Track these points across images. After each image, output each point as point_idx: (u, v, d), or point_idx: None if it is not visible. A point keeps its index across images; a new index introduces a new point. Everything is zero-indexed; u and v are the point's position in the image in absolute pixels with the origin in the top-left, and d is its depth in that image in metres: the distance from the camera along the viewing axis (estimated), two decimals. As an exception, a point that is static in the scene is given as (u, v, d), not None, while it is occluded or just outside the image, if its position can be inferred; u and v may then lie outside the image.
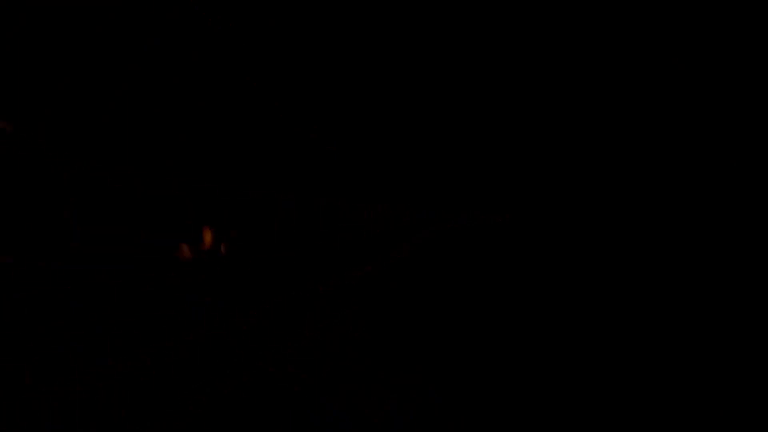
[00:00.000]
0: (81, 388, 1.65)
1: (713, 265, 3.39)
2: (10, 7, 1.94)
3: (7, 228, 1.93)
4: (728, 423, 1.44)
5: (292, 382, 1.81)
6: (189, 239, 2.97)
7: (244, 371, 1.89)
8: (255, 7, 2.98)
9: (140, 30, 2.37)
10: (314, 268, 3.58)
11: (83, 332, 2.12)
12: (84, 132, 2.29)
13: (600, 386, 1.77)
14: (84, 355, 1.93)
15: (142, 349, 2.04)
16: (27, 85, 2.07)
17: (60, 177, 2.14)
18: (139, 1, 2.36)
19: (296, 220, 3.97)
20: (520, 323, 2.74)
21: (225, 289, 3.05)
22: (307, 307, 2.85)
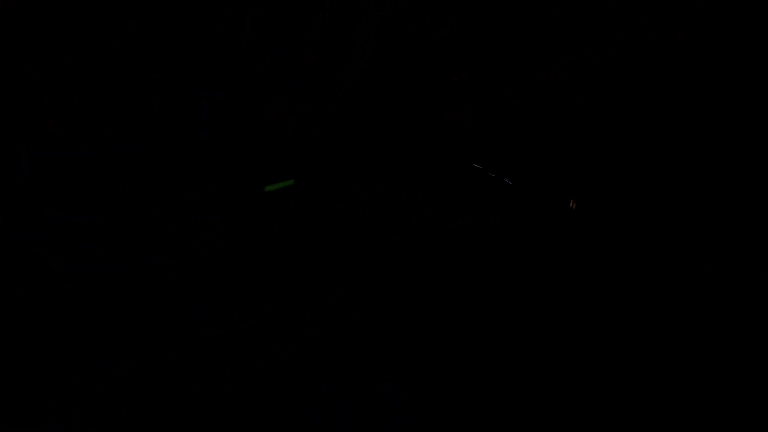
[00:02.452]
0: (81, 388, 1.65)
1: (713, 266, 3.39)
2: (9, 7, 1.94)
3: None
4: (728, 423, 1.44)
5: (292, 382, 1.81)
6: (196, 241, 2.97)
7: (244, 371, 1.89)
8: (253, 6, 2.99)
9: (140, 30, 2.37)
10: (312, 252, 3.59)
11: (83, 332, 2.12)
12: (84, 132, 2.29)
13: (599, 385, 1.78)
14: (84, 355, 1.93)
15: (142, 349, 2.04)
16: (26, 85, 2.07)
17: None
18: (139, 1, 2.36)
19: (295, 216, 3.98)
20: (517, 312, 2.74)
21: (225, 289, 3.05)
22: (307, 307, 2.85)
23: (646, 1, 2.56)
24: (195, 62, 2.55)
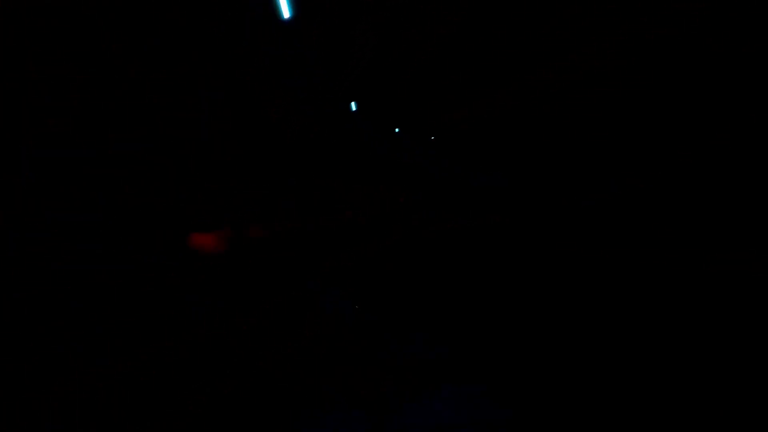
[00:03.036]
0: (81, 388, 1.65)
1: (713, 266, 3.38)
2: (10, 7, 1.94)
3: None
4: (728, 423, 1.44)
5: (292, 382, 1.81)
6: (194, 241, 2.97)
7: (244, 371, 1.89)
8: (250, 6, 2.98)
9: (140, 30, 2.36)
10: (311, 255, 3.57)
11: (83, 332, 2.12)
12: (84, 132, 2.28)
13: (599, 384, 1.77)
14: (84, 355, 1.92)
15: (142, 349, 2.04)
16: (26, 85, 2.07)
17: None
18: (139, 1, 2.36)
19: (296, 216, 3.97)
20: (517, 312, 2.74)
21: (225, 289, 3.05)
22: (307, 307, 2.85)
23: (646, 1, 2.55)
24: (195, 62, 2.55)
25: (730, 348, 2.08)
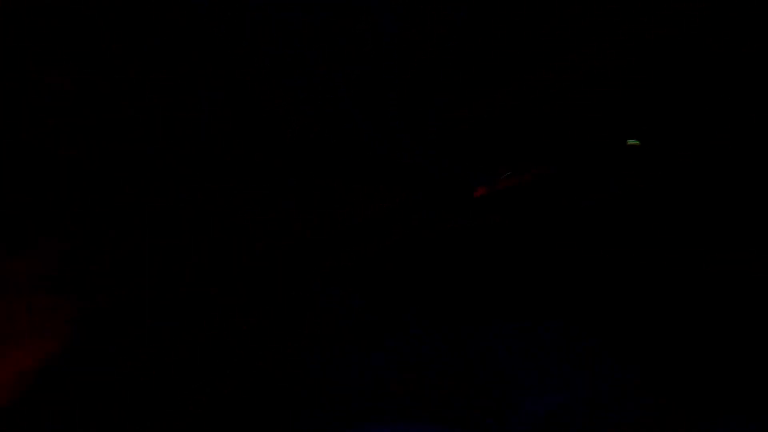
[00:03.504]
0: (81, 388, 1.65)
1: (713, 266, 3.39)
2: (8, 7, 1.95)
3: None
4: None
5: (292, 382, 1.81)
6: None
7: (244, 371, 1.90)
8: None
9: (140, 30, 2.37)
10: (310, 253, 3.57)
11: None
12: (84, 132, 2.29)
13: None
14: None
15: (142, 349, 2.04)
16: (26, 85, 2.08)
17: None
18: (139, 1, 2.36)
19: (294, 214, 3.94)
20: (516, 313, 2.74)
21: (225, 289, 3.05)
22: (307, 307, 2.85)
23: (646, 1, 2.54)
24: (195, 62, 2.55)
25: (731, 348, 2.09)
